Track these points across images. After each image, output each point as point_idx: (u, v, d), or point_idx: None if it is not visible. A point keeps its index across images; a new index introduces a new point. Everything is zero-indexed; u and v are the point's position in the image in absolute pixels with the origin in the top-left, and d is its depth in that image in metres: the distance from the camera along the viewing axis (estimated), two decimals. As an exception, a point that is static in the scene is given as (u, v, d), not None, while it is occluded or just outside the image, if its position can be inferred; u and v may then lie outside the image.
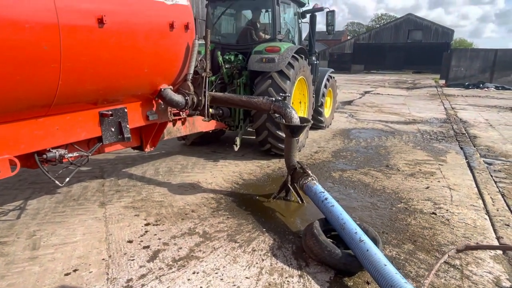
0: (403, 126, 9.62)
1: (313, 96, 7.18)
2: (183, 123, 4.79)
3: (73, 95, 3.00)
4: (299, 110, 6.77)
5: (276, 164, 5.93)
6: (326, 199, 3.48)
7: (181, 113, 4.58)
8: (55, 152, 3.13)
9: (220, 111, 5.99)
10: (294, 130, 4.25)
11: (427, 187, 4.97)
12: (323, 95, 8.29)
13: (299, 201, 4.35)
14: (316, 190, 3.68)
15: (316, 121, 8.52)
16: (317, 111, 8.29)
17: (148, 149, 4.32)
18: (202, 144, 7.07)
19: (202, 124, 5.27)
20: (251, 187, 4.89)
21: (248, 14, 7.15)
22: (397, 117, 11.25)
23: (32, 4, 2.47)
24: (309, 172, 4.03)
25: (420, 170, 5.77)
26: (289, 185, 4.35)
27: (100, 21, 2.84)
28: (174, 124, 4.64)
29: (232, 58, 6.39)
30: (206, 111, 4.50)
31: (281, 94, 5.44)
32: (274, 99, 4.54)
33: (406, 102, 15.38)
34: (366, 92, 19.46)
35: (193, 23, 3.90)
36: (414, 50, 44.81)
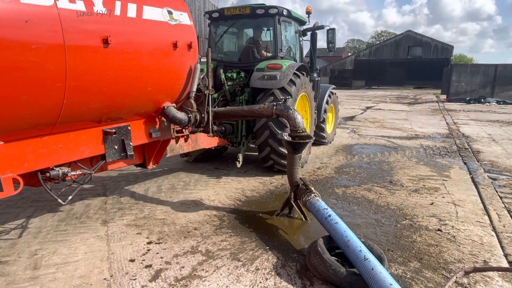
0: (405, 142, 9.61)
1: (315, 113, 7.24)
2: (185, 140, 4.82)
3: (77, 114, 3.04)
4: None
5: (279, 181, 5.91)
6: (329, 216, 3.46)
7: (184, 130, 4.60)
8: (58, 170, 3.14)
9: (223, 128, 6.03)
10: (296, 147, 4.25)
11: (432, 203, 4.93)
12: (325, 111, 8.34)
13: (303, 218, 4.31)
14: (319, 207, 3.66)
15: (319, 137, 8.54)
16: (319, 127, 8.34)
17: (151, 166, 4.34)
18: (204, 161, 7.08)
19: (205, 141, 5.30)
20: (254, 204, 4.87)
21: (250, 32, 7.30)
22: (399, 132, 11.26)
23: (39, 26, 2.53)
24: (312, 188, 4.02)
25: (424, 185, 5.73)
26: (292, 202, 4.32)
27: (105, 42, 2.91)
28: (177, 141, 4.67)
29: (235, 75, 6.47)
30: (210, 128, 4.54)
31: (281, 97, 5.49)
32: (275, 103, 4.55)
33: (408, 117, 15.41)
34: (367, 108, 19.53)
35: (196, 42, 3.98)
36: (415, 65, 45.18)
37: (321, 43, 49.83)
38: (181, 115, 4.02)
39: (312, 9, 7.63)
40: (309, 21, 7.72)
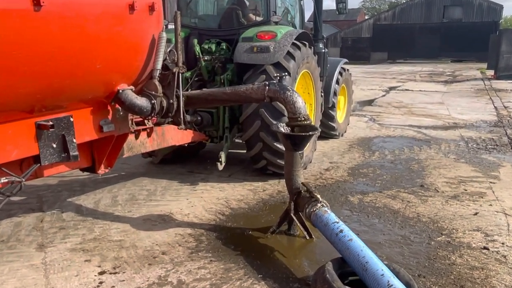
0: (441, 133, 9.72)
1: (321, 96, 7.25)
2: (149, 135, 4.78)
3: (1, 101, 2.98)
4: None
5: (275, 187, 5.93)
6: (341, 231, 3.47)
7: (146, 121, 4.58)
8: None
9: (198, 118, 5.99)
10: (297, 141, 4.26)
11: (476, 213, 4.99)
12: (335, 94, 8.33)
13: (306, 235, 4.33)
14: (328, 221, 3.67)
15: (327, 128, 8.55)
16: (327, 115, 8.32)
17: (102, 170, 4.31)
18: (175, 162, 7.06)
19: (174, 136, 5.27)
20: (242, 219, 4.87)
21: None
22: (432, 120, 11.37)
23: None
24: (318, 196, 4.03)
25: (466, 190, 5.81)
26: (292, 215, 4.34)
27: (36, 3, 2.83)
28: (137, 137, 4.63)
29: (213, 47, 6.43)
30: (181, 117, 4.51)
31: (276, 74, 5.46)
32: (267, 82, 4.52)
33: (444, 100, 15.58)
34: (391, 88, 19.68)
35: (160, 2, 3.92)
36: (453, 32, 45.59)
37: (329, 2, 50.07)
38: (141, 102, 3.98)
39: None
40: None
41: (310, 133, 4.26)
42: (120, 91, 3.81)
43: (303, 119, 4.26)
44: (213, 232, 4.52)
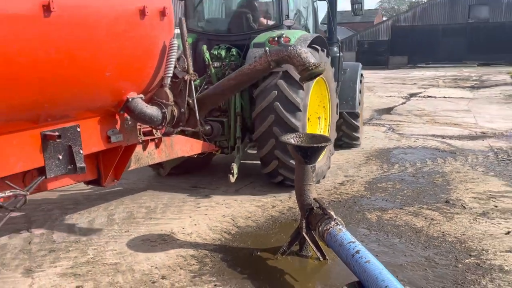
0: (467, 143, 9.65)
1: (336, 106, 7.31)
2: (157, 146, 4.88)
3: (6, 110, 3.05)
4: (316, 126, 6.80)
5: (285, 203, 5.91)
6: (358, 252, 3.44)
7: (155, 131, 4.68)
8: None
9: (209, 127, 6.07)
10: (308, 153, 4.25)
11: (508, 232, 4.92)
12: (359, 103, 8.53)
13: (319, 257, 4.30)
14: (343, 240, 3.65)
15: (350, 139, 8.90)
16: (351, 126, 8.63)
17: (108, 183, 4.40)
18: (178, 176, 7.07)
19: (183, 147, 5.40)
20: (250, 238, 4.86)
21: None
22: (458, 129, 11.31)
23: None
24: (332, 213, 4.00)
25: (496, 207, 5.74)
26: (304, 234, 4.31)
27: (47, 8, 2.93)
28: (144, 148, 4.73)
29: (223, 53, 6.55)
30: (198, 121, 4.72)
31: (275, 38, 5.76)
32: (266, 49, 4.79)
33: (471, 107, 15.50)
34: (411, 95, 19.64)
35: (171, 7, 4.07)
36: (479, 33, 45.53)
37: (343, 4, 50.31)
38: (152, 110, 4.08)
39: None
40: None
41: (322, 144, 4.26)
42: (130, 99, 3.90)
43: (314, 66, 4.50)
44: (218, 253, 4.49)
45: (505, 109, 14.87)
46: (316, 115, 6.81)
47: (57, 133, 3.47)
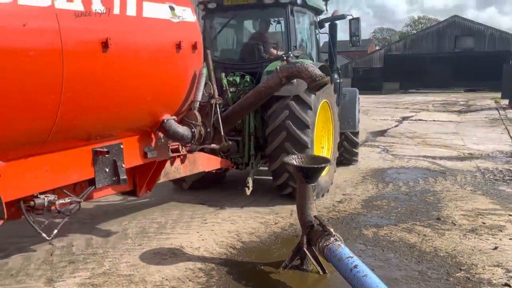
0: (456, 163, 9.63)
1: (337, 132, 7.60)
2: (182, 162, 5.16)
3: (69, 129, 3.43)
4: (320, 144, 7.03)
5: (287, 220, 5.89)
6: (355, 266, 3.44)
7: (180, 148, 4.96)
8: (44, 199, 3.38)
9: (231, 143, 6.32)
10: (309, 173, 4.26)
11: (495, 248, 4.89)
12: (359, 122, 8.98)
13: (319, 271, 4.27)
14: (341, 255, 3.65)
15: (350, 155, 9.12)
16: (352, 142, 8.94)
17: (142, 194, 4.74)
18: (186, 193, 7.10)
19: (204, 163, 5.70)
20: (253, 253, 4.84)
21: (254, 25, 7.80)
22: (447, 151, 11.29)
23: (37, 30, 2.90)
24: (332, 230, 4.00)
25: (484, 223, 5.71)
26: (305, 249, 4.29)
27: (105, 45, 3.33)
28: (172, 163, 5.01)
29: (238, 79, 6.84)
30: (223, 137, 5.43)
31: (283, 55, 6.30)
32: (277, 67, 5.25)
33: (459, 130, 15.50)
34: (404, 118, 19.67)
35: (202, 42, 4.56)
36: (465, 61, 45.70)
37: (340, 34, 50.75)
38: (183, 130, 4.53)
39: None
40: (327, 10, 8.28)
41: (322, 165, 4.29)
42: (165, 120, 4.33)
43: (320, 77, 4.90)
44: (224, 266, 4.48)
45: (491, 132, 14.85)
46: (321, 133, 7.08)
47: (106, 149, 3.81)
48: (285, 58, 6.22)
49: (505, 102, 26.94)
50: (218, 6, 7.06)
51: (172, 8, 4.06)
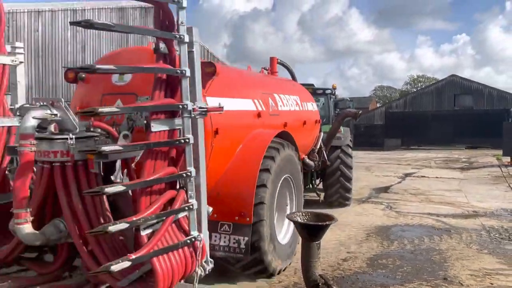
0: (461, 221, 9.56)
1: None
2: None
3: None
4: None
5: (291, 278, 5.80)
6: (363, 330, 3.35)
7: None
8: None
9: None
10: (313, 231, 4.25)
11: (505, 310, 4.76)
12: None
13: (325, 332, 4.20)
14: (348, 317, 3.55)
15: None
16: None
17: None
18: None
19: None
20: (257, 313, 4.73)
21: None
22: (451, 208, 11.23)
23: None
24: (337, 290, 3.98)
25: (492, 284, 5.61)
26: (310, 310, 4.22)
27: (304, 123, 8.13)
28: None
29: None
30: (326, 161, 9.97)
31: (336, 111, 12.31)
32: (337, 113, 11.15)
33: (462, 187, 15.44)
34: (406, 175, 19.65)
35: (320, 119, 9.46)
36: (465, 119, 46.27)
37: (340, 91, 51.86)
38: (311, 162, 9.01)
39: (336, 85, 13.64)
40: (335, 95, 13.65)
41: (327, 223, 4.27)
42: (304, 158, 8.51)
43: (358, 112, 10.42)
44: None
45: (494, 189, 14.79)
46: None
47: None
48: (337, 111, 10.64)
49: (507, 159, 27.01)
50: None
51: (311, 105, 9.09)
